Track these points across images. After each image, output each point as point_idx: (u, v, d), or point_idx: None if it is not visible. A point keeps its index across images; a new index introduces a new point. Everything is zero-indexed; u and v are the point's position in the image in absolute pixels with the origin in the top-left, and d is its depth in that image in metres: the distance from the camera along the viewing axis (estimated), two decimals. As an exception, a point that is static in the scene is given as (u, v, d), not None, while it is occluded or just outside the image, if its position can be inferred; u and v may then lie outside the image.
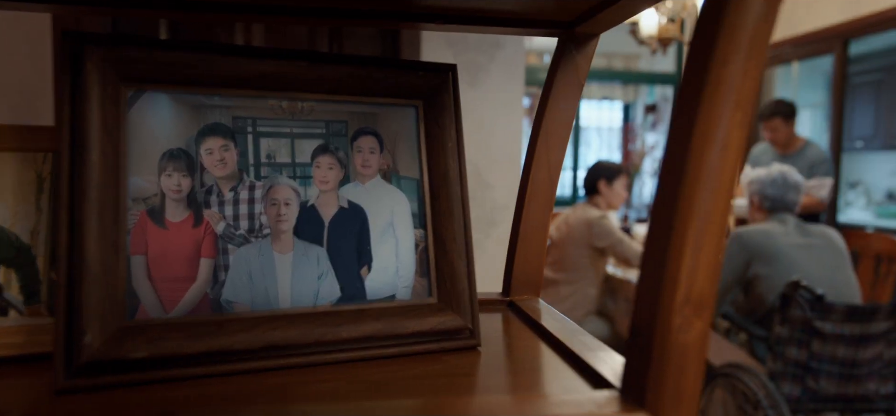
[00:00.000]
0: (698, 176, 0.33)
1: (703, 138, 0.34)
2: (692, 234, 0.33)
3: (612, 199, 2.88)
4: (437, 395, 0.39)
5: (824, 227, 2.33)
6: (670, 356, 0.34)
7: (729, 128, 0.34)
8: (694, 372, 0.34)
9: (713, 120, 0.33)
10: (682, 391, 0.34)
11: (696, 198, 0.33)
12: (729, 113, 0.33)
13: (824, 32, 3.85)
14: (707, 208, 0.33)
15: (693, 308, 0.34)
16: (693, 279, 0.34)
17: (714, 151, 0.33)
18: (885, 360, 2.05)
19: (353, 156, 0.49)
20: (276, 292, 0.46)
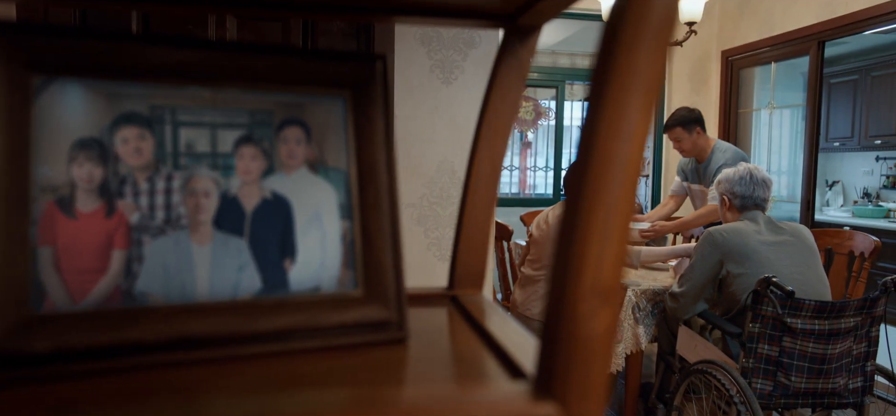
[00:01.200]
0: (604, 163, 0.33)
1: (609, 124, 0.33)
2: (598, 221, 0.33)
3: None
4: (344, 386, 0.38)
5: (795, 224, 2.35)
6: (577, 345, 0.33)
7: (635, 114, 0.33)
8: (601, 361, 0.34)
9: (619, 106, 0.33)
10: (590, 380, 0.33)
11: (602, 185, 0.33)
12: (635, 99, 0.33)
13: (800, 33, 3.90)
14: (613, 195, 0.33)
15: (600, 297, 0.33)
16: (600, 268, 0.33)
17: (620, 138, 0.33)
18: (853, 355, 2.07)
19: (279, 146, 0.48)
20: (194, 284, 0.45)
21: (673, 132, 3.29)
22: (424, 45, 1.92)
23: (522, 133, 5.67)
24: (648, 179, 4.95)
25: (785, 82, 4.70)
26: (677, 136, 3.29)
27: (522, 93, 0.62)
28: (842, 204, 5.84)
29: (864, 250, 2.93)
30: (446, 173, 1.95)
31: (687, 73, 4.71)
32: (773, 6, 4.15)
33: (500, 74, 0.61)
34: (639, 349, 2.62)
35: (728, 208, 2.40)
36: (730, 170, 2.38)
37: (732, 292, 2.23)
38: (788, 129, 5.02)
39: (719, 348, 2.34)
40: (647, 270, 2.99)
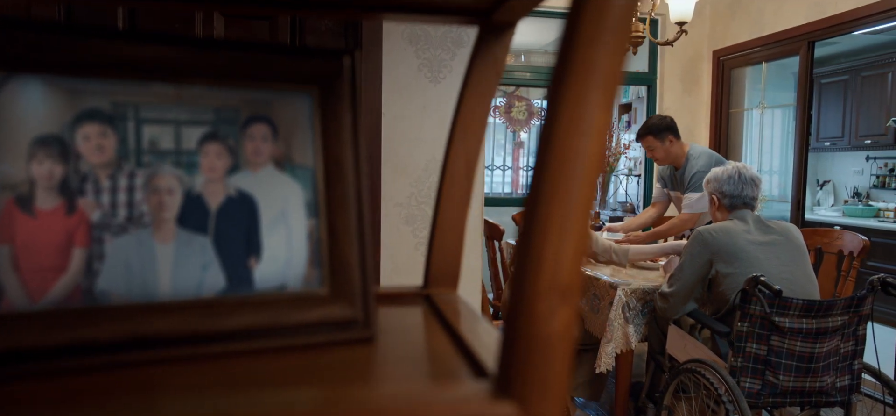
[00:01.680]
0: (563, 159, 0.32)
1: (568, 121, 0.32)
2: (556, 219, 0.32)
3: None
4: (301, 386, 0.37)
5: (785, 223, 2.36)
6: (535, 344, 0.33)
7: (594, 110, 0.32)
8: (560, 360, 0.33)
9: (578, 102, 0.32)
10: (549, 379, 0.33)
11: (561, 182, 0.32)
12: (594, 95, 0.32)
13: (790, 33, 3.91)
14: (572, 192, 0.32)
15: (558, 295, 0.33)
16: (558, 265, 0.32)
17: (579, 134, 0.32)
18: (841, 354, 2.08)
19: (244, 144, 0.47)
20: (156, 282, 0.44)
21: (645, 141, 3.27)
22: (412, 44, 1.91)
23: (515, 133, 5.67)
24: (640, 179, 4.96)
25: (776, 82, 4.72)
26: (649, 144, 3.26)
27: (496, 90, 0.62)
28: (833, 204, 5.87)
29: (853, 250, 2.95)
30: (434, 173, 1.95)
31: (678, 73, 4.72)
32: (763, 6, 4.16)
33: (474, 72, 0.61)
34: (629, 349, 2.62)
35: (717, 207, 2.40)
36: (718, 169, 2.39)
37: (721, 291, 2.24)
38: (780, 129, 5.04)
39: (709, 347, 2.34)
40: (637, 269, 3.00)
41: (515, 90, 5.40)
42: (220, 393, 0.38)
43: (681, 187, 3.30)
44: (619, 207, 5.66)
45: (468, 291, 1.99)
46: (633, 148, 5.59)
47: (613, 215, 5.32)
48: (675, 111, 4.73)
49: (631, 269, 2.99)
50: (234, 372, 0.41)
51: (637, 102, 5.71)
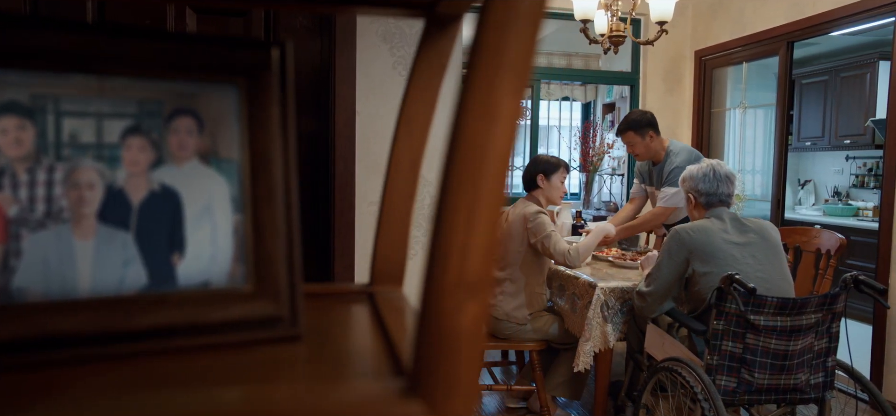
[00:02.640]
0: (470, 147, 0.31)
1: (477, 107, 0.32)
2: (463, 210, 0.31)
3: (550, 193, 2.87)
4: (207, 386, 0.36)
5: (761, 221, 2.37)
6: (443, 341, 0.32)
7: (504, 97, 0.32)
8: (469, 357, 0.32)
9: (487, 88, 0.31)
10: (457, 377, 0.32)
11: (467, 171, 0.31)
12: (504, 82, 0.32)
13: (770, 33, 3.94)
14: (479, 182, 0.31)
15: (466, 290, 0.32)
16: (465, 260, 0.32)
17: (487, 121, 0.31)
18: (815, 351, 2.09)
19: (169, 137, 0.46)
20: (75, 279, 0.43)
21: (625, 136, 3.26)
22: (386, 42, 1.89)
23: (499, 132, 5.66)
24: (623, 178, 4.98)
25: (758, 82, 4.75)
26: (630, 140, 3.25)
27: (442, 83, 0.61)
28: (813, 203, 5.93)
29: (831, 248, 2.97)
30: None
31: (661, 73, 4.74)
32: (744, 7, 4.19)
33: (419, 66, 0.60)
34: (607, 348, 2.62)
35: (694, 205, 2.41)
36: (693, 167, 2.39)
37: (698, 290, 2.24)
38: (762, 128, 5.07)
39: (686, 345, 2.35)
40: (616, 268, 3.00)
41: (500, 90, 5.39)
42: (133, 393, 0.37)
43: (658, 183, 3.31)
44: (603, 206, 5.68)
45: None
46: (617, 147, 5.61)
47: (597, 214, 5.34)
48: (658, 111, 4.74)
49: (611, 269, 2.99)
50: (152, 371, 0.40)
51: (620, 101, 5.73)
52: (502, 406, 3.17)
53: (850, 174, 5.65)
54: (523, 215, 2.76)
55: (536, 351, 2.78)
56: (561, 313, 2.88)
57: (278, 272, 0.44)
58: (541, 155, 2.95)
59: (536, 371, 2.77)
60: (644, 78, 4.75)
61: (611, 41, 3.40)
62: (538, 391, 2.79)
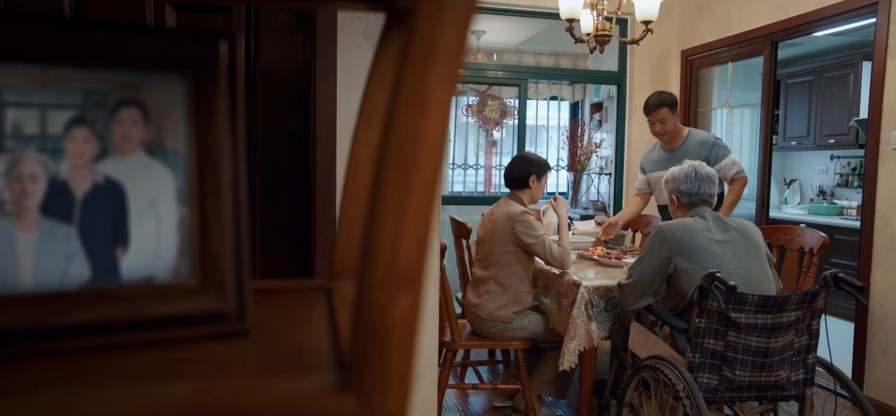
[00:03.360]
0: (399, 137, 0.31)
1: (407, 96, 0.31)
2: (393, 201, 0.31)
3: (536, 193, 2.88)
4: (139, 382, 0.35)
5: (743, 221, 2.39)
6: (374, 335, 0.31)
7: (435, 86, 0.31)
8: (402, 352, 0.32)
9: (418, 77, 0.31)
10: (390, 372, 0.32)
11: (397, 161, 0.31)
12: (436, 70, 0.31)
13: (755, 33, 3.96)
14: (410, 172, 0.31)
15: (397, 284, 0.31)
16: (396, 252, 0.31)
17: (417, 109, 0.31)
18: (795, 348, 2.11)
19: (114, 128, 0.45)
20: (16, 274, 0.42)
21: (658, 113, 3.33)
22: (367, 39, 1.89)
23: (488, 132, 5.67)
24: (611, 177, 4.99)
25: (744, 82, 4.78)
26: (663, 116, 3.33)
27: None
28: (799, 202, 5.97)
29: (813, 246, 3.00)
30: (391, 169, 1.93)
31: (648, 72, 4.76)
32: (729, 7, 4.21)
33: (380, 60, 0.60)
34: (592, 346, 2.63)
35: (676, 206, 2.43)
36: (675, 168, 2.41)
37: (680, 287, 2.25)
38: (749, 128, 5.11)
39: (669, 343, 2.36)
40: (602, 267, 3.01)
41: (488, 89, 5.39)
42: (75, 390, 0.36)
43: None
44: (591, 205, 5.69)
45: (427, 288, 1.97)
46: (605, 147, 5.63)
47: (585, 213, 5.35)
48: (645, 110, 4.77)
49: (596, 268, 3.00)
50: (94, 368, 0.39)
51: (608, 101, 5.75)
52: (489, 405, 3.17)
53: (835, 173, 5.70)
54: (508, 214, 2.76)
55: (521, 350, 2.78)
56: (546, 311, 2.88)
57: (224, 267, 0.43)
58: (529, 154, 2.94)
59: (521, 370, 2.77)
60: (631, 77, 4.77)
61: (596, 40, 3.41)
62: (523, 390, 2.79)
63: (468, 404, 3.23)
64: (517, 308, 2.80)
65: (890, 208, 3.05)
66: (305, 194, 1.86)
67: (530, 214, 2.80)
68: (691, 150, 3.29)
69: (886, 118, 3.07)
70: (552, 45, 5.84)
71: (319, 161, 1.86)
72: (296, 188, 1.87)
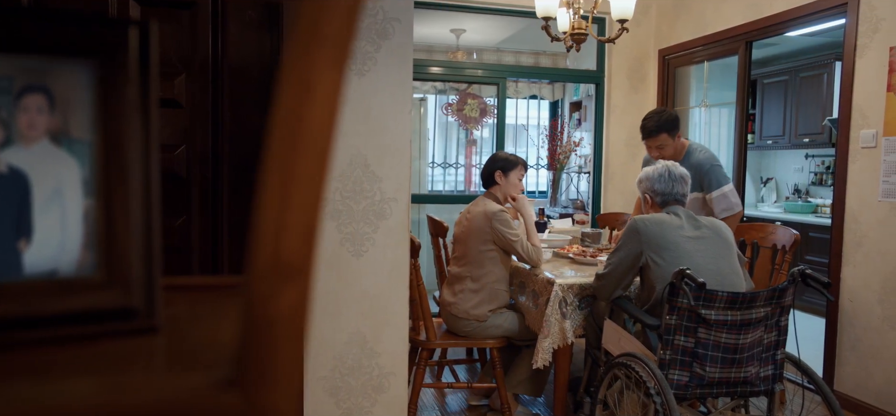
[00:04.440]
0: (282, 123, 0.30)
1: (291, 82, 0.30)
2: (275, 189, 0.30)
3: (508, 190, 2.88)
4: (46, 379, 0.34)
5: (714, 219, 2.41)
6: (256, 328, 0.30)
7: (321, 71, 0.30)
8: (288, 345, 0.30)
9: (303, 61, 0.30)
10: (274, 366, 0.30)
11: (280, 149, 0.30)
12: (322, 55, 0.30)
13: (729, 33, 4.00)
14: (292, 160, 0.30)
15: (281, 275, 0.30)
16: (279, 242, 0.30)
17: (300, 96, 0.30)
18: (764, 344, 2.12)
19: (18, 116, 0.43)
20: None
21: (657, 139, 3.01)
22: (336, 35, 1.87)
23: (468, 130, 5.66)
24: (590, 176, 5.01)
25: (722, 81, 4.82)
26: (661, 143, 3.01)
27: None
28: (775, 200, 6.05)
29: (786, 244, 3.03)
30: (359, 167, 1.91)
31: (626, 71, 4.79)
32: (704, 7, 4.25)
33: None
34: (566, 344, 2.63)
35: (650, 205, 2.44)
36: (649, 168, 2.43)
37: (651, 283, 2.26)
38: (726, 127, 5.15)
39: (641, 340, 2.37)
40: (577, 265, 3.02)
41: (467, 88, 5.39)
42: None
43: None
44: (570, 204, 5.71)
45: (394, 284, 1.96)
46: (584, 145, 5.65)
47: (564, 211, 5.36)
48: (623, 109, 4.80)
49: (571, 266, 3.00)
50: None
51: (587, 100, 5.77)
52: (466, 404, 3.16)
53: (810, 172, 5.78)
54: (485, 212, 2.76)
55: (497, 349, 2.78)
56: (522, 310, 2.88)
57: (130, 261, 0.42)
58: (500, 152, 2.97)
59: (497, 369, 2.76)
60: (609, 76, 4.79)
61: (573, 39, 3.41)
62: (499, 388, 2.78)
63: (445, 403, 3.22)
64: (493, 306, 2.79)
65: (859, 205, 3.09)
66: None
67: (507, 212, 2.81)
68: (689, 166, 3.14)
69: (856, 117, 3.11)
70: (532, 44, 5.85)
71: (287, 158, 1.85)
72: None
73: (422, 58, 5.62)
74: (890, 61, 2.91)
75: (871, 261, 3.03)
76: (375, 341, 1.97)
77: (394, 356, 1.98)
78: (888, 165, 2.94)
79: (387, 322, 1.98)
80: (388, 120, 1.95)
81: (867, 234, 3.05)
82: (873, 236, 3.02)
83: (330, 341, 1.91)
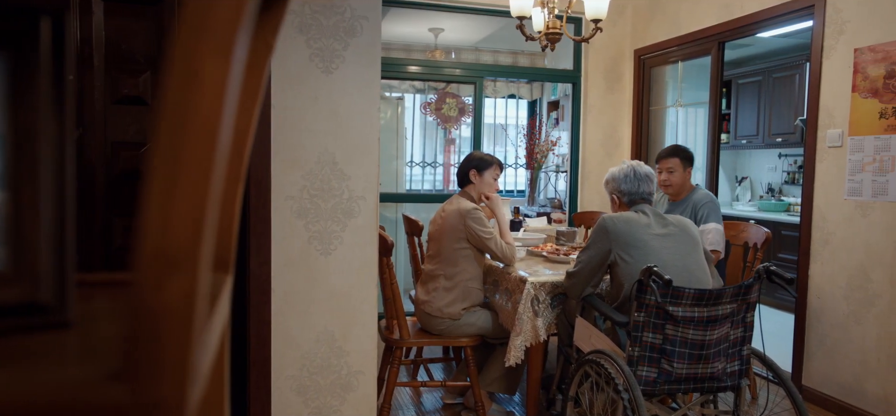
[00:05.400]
0: (168, 111, 0.29)
1: (173, 68, 0.29)
2: (161, 179, 0.29)
3: (482, 189, 2.89)
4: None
5: (680, 217, 2.43)
6: (143, 320, 0.30)
7: (205, 57, 0.30)
8: (174, 338, 0.30)
9: (187, 47, 0.29)
10: (162, 358, 0.30)
11: (165, 137, 0.29)
12: (206, 41, 0.30)
13: (703, 33, 4.05)
14: (178, 148, 0.29)
15: (166, 264, 0.30)
16: (166, 231, 0.30)
17: (184, 82, 0.29)
18: (730, 340, 2.15)
19: (-76, 109, 0.42)
20: None
21: (668, 162, 3.19)
22: (303, 33, 1.86)
23: (446, 130, 5.67)
24: (567, 175, 5.04)
25: (697, 81, 4.88)
26: (672, 167, 3.19)
27: (268, 64, 0.59)
28: (750, 199, 6.14)
29: (757, 241, 3.08)
30: (327, 165, 1.90)
31: (602, 71, 4.83)
32: (679, 7, 4.30)
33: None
34: (538, 342, 2.64)
35: (618, 206, 2.47)
36: (614, 168, 2.45)
37: (620, 281, 2.29)
38: (702, 126, 5.21)
39: (611, 337, 2.39)
40: (551, 263, 3.03)
41: (446, 87, 5.39)
42: None
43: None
44: (548, 203, 5.74)
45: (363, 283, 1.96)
46: (561, 145, 5.68)
47: (542, 210, 5.39)
48: (600, 108, 4.84)
49: (545, 264, 3.02)
50: None
51: (564, 99, 5.81)
52: (442, 403, 3.16)
53: (783, 171, 5.87)
54: (459, 210, 2.76)
55: (470, 347, 2.78)
56: (496, 308, 2.89)
57: (39, 255, 0.41)
58: (476, 152, 2.98)
59: (471, 367, 2.77)
60: (586, 76, 4.83)
61: (547, 38, 3.43)
62: (472, 386, 2.79)
63: (421, 402, 3.22)
64: (466, 304, 2.80)
65: (827, 203, 3.15)
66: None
67: (481, 210, 2.81)
68: (688, 208, 3.16)
69: (823, 117, 3.17)
70: (510, 43, 5.87)
71: (253, 157, 1.83)
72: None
73: (400, 57, 5.61)
74: (855, 62, 2.97)
75: (837, 258, 3.09)
76: (344, 339, 1.96)
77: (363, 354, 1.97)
78: (853, 164, 3.00)
79: (355, 321, 1.97)
80: (357, 118, 1.94)
81: (834, 231, 3.11)
82: (839, 234, 3.08)
83: (298, 340, 1.90)
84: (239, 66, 0.32)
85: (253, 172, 1.81)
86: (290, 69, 1.83)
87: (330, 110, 1.89)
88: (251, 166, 1.80)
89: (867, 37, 2.92)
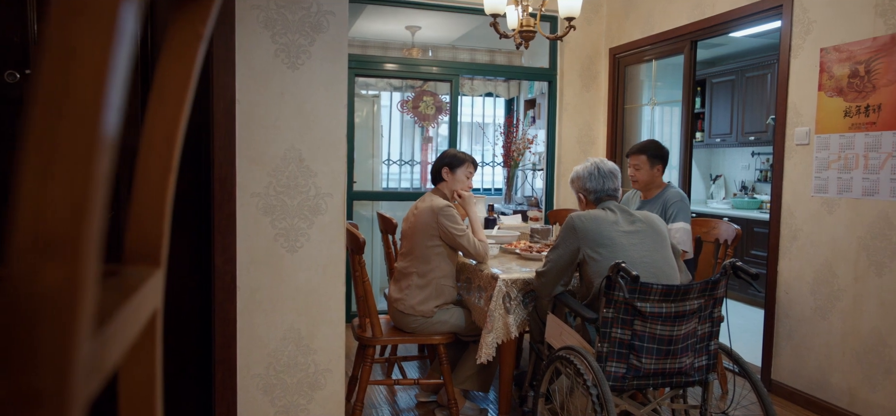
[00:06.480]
0: (41, 89, 0.28)
1: (47, 41, 0.28)
2: (34, 160, 0.28)
3: (454, 186, 2.89)
4: None
5: (648, 213, 2.45)
6: (17, 310, 0.28)
7: (79, 29, 0.28)
8: (52, 326, 0.29)
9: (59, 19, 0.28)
10: (38, 348, 0.29)
11: (39, 115, 0.28)
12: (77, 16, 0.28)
13: (675, 32, 4.09)
14: (55, 127, 0.28)
15: (43, 252, 0.28)
16: (41, 217, 0.28)
17: (58, 57, 0.28)
18: (698, 335, 2.17)
19: None
20: None
21: (636, 158, 3.22)
22: (268, 28, 1.83)
23: (424, 128, 5.65)
24: (543, 172, 5.06)
25: (673, 80, 4.93)
26: (638, 163, 3.22)
27: (199, 52, 0.57)
28: (724, 196, 6.22)
29: (728, 238, 3.12)
30: (293, 161, 1.87)
31: (578, 69, 4.85)
32: (652, 7, 4.33)
33: (173, 34, 0.56)
34: (510, 339, 2.65)
35: (585, 204, 2.48)
36: (578, 167, 2.46)
37: (590, 278, 2.30)
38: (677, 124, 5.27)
39: (581, 334, 2.40)
40: (524, 260, 3.04)
41: (423, 85, 5.38)
42: None
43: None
44: (525, 201, 5.76)
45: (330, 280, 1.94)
46: (538, 143, 5.70)
47: (518, 208, 5.40)
48: (575, 106, 4.86)
49: (518, 261, 3.02)
50: None
51: (541, 97, 5.83)
52: (415, 401, 3.15)
53: (756, 169, 5.96)
54: (432, 207, 2.76)
55: (443, 345, 2.78)
56: (469, 305, 2.89)
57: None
58: (449, 149, 2.99)
59: (444, 365, 2.76)
60: (561, 74, 4.85)
61: (521, 36, 3.43)
62: (446, 384, 2.78)
63: (396, 400, 3.20)
64: (439, 302, 2.79)
65: (795, 200, 3.20)
66: (205, 189, 1.79)
67: (453, 207, 2.81)
68: (659, 205, 3.17)
69: (791, 116, 3.22)
70: (487, 41, 5.88)
71: (218, 154, 1.80)
72: (193, 182, 1.80)
73: (376, 54, 5.58)
74: (821, 62, 3.02)
75: (804, 254, 3.14)
76: (311, 337, 1.94)
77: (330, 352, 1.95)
78: (819, 162, 3.05)
79: (323, 319, 1.95)
80: (323, 114, 1.92)
81: (801, 228, 3.16)
82: (806, 230, 3.13)
83: (264, 338, 1.87)
84: (126, 44, 0.31)
85: (217, 168, 1.78)
86: (255, 65, 1.80)
87: (296, 107, 1.86)
88: (215, 163, 1.76)
89: (832, 37, 2.97)
